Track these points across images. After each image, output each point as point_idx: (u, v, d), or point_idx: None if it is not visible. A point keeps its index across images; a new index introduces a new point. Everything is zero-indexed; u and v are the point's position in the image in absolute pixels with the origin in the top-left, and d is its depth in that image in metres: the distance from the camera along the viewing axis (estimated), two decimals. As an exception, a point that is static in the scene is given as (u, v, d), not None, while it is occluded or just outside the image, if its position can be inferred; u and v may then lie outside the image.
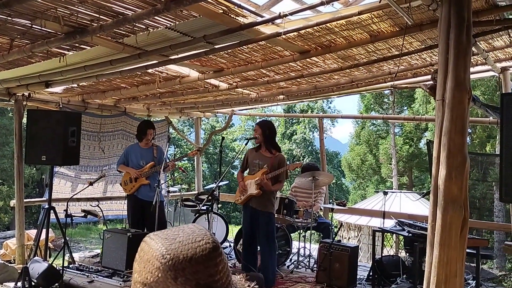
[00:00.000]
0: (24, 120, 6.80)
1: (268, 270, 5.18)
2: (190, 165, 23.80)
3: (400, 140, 21.78)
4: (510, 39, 4.42)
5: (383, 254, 6.11)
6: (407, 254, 5.71)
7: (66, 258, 5.52)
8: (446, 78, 2.80)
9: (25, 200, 6.74)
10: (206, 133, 24.61)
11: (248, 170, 5.46)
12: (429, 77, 5.34)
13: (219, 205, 8.14)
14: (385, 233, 5.95)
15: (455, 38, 2.79)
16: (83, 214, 6.62)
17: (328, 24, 3.84)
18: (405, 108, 22.86)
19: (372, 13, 3.63)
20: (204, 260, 0.89)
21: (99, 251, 6.75)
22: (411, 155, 21.40)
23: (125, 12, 3.46)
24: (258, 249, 5.38)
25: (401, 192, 12.23)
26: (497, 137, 15.45)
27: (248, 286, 1.08)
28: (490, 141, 17.14)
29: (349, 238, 15.69)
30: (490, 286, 5.91)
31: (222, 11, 3.42)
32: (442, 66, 2.84)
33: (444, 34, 2.85)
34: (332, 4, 3.53)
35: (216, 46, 4.22)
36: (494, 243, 14.61)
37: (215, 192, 6.00)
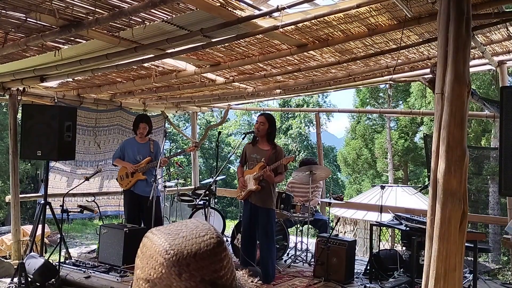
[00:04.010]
0: (19, 115, 6.77)
1: (268, 265, 5.18)
2: (186, 159, 23.75)
3: (395, 135, 21.77)
4: (507, 33, 4.42)
5: (379, 248, 6.12)
6: (404, 248, 5.73)
7: (63, 253, 5.50)
8: (445, 71, 2.79)
9: (20, 196, 6.69)
10: (201, 128, 24.51)
11: (247, 164, 5.47)
12: (426, 70, 5.33)
13: (215, 200, 8.12)
14: (381, 227, 5.96)
15: (455, 31, 2.77)
16: (79, 209, 6.61)
17: (326, 18, 3.82)
18: (401, 102, 22.84)
19: (371, 6, 3.60)
20: (209, 255, 0.86)
21: (95, 246, 6.72)
22: (406, 149, 21.41)
23: (121, 5, 3.42)
24: (257, 243, 5.38)
25: (397, 186, 12.23)
26: (492, 131, 15.48)
27: (251, 281, 1.06)
28: (485, 135, 17.18)
29: (345, 232, 15.71)
30: (487, 279, 5.93)
31: (219, 4, 3.39)
32: (441, 59, 2.82)
33: (444, 27, 2.83)
34: (330, -3, 3.52)
35: (213, 40, 4.19)
36: (490, 236, 14.67)
37: (212, 187, 5.98)
